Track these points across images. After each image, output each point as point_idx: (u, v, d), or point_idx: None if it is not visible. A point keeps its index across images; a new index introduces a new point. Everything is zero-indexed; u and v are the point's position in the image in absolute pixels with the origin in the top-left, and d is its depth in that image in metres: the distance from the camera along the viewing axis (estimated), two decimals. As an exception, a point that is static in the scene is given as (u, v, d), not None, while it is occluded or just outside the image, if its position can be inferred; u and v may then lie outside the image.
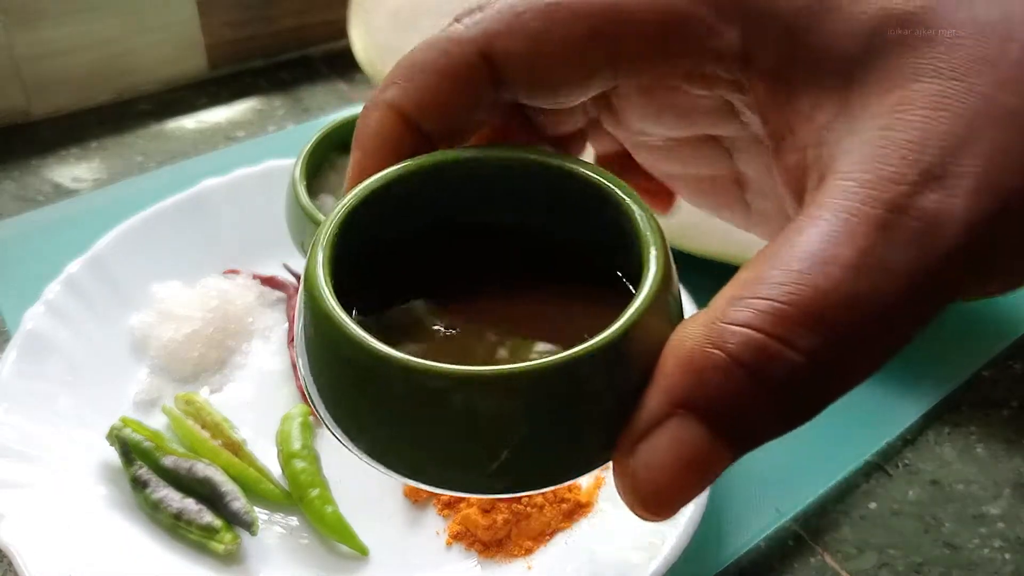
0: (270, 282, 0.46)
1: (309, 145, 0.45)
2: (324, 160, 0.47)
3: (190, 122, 0.62)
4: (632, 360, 0.17)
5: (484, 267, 0.22)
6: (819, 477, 0.40)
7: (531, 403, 0.17)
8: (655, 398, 0.16)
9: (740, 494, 0.39)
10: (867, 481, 0.41)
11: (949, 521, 0.39)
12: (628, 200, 0.19)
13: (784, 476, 0.40)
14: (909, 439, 0.43)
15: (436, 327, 0.20)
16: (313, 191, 0.45)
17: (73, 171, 0.57)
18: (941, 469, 0.41)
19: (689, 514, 0.34)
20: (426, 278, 0.21)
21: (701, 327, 0.15)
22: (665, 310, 0.18)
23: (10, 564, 0.32)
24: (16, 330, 0.45)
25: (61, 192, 0.56)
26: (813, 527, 0.39)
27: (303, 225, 0.43)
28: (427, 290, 0.20)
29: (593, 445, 0.17)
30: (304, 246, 0.44)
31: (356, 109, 0.50)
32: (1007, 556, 0.38)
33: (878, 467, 0.41)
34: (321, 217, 0.42)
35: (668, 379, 0.15)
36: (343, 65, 0.66)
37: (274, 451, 0.38)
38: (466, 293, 0.21)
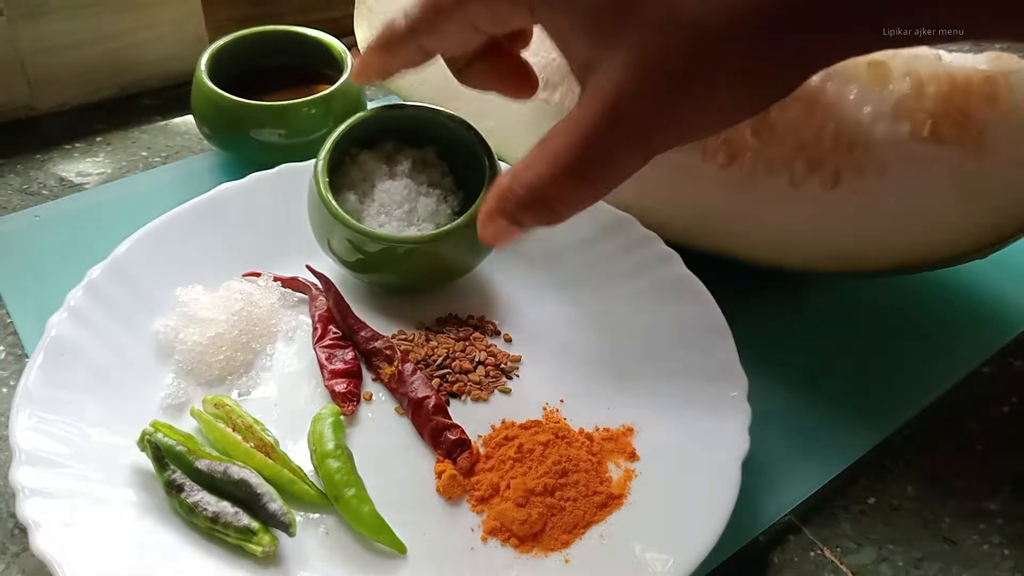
0: (291, 284, 0.46)
1: (330, 142, 0.44)
2: (345, 156, 0.46)
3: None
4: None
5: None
6: (818, 472, 0.41)
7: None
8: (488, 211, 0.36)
9: (740, 488, 0.38)
10: (866, 476, 0.41)
11: (948, 517, 0.40)
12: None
13: (783, 470, 0.40)
14: (908, 435, 0.43)
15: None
16: (335, 187, 0.44)
17: (78, 166, 0.57)
18: (940, 465, 0.42)
19: (725, 512, 0.35)
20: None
21: (502, 182, 0.36)
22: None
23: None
24: (21, 325, 0.45)
25: (66, 187, 0.55)
26: (812, 522, 0.39)
27: (327, 221, 0.43)
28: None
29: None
30: (328, 244, 0.44)
31: (371, 105, 0.50)
32: (1006, 552, 0.38)
33: (877, 462, 0.42)
34: (343, 214, 0.42)
35: (489, 206, 0.36)
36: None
37: (305, 451, 0.38)
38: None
